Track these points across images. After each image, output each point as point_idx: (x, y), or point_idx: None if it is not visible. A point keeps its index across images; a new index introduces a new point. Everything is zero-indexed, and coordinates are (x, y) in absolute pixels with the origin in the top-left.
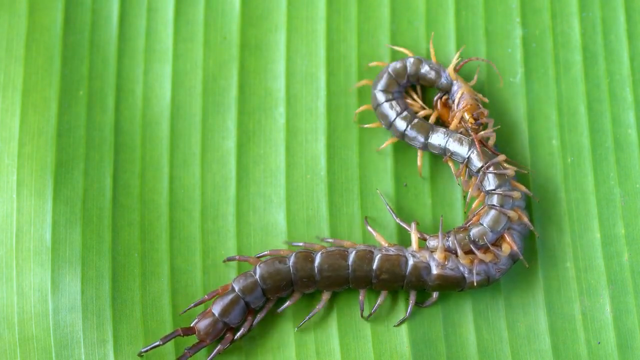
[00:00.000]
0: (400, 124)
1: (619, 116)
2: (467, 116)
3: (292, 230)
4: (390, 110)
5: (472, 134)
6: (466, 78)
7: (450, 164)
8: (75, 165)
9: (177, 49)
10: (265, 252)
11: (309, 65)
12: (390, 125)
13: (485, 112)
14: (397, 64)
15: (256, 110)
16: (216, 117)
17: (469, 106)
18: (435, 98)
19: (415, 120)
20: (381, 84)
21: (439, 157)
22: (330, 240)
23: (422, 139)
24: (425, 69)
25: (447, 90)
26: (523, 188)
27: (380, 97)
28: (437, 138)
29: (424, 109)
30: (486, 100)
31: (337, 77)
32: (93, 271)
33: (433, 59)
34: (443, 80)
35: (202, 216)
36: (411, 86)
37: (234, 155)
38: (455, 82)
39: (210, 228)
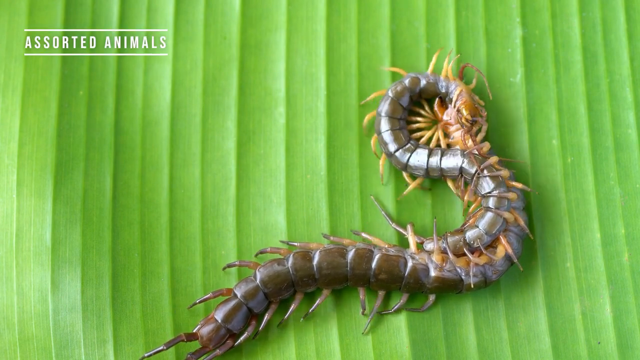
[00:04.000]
0: (402, 156)
1: (619, 116)
2: (464, 111)
3: (292, 230)
4: (394, 141)
5: (464, 131)
6: (467, 82)
7: (450, 183)
8: (75, 165)
9: (177, 49)
10: (267, 249)
11: (309, 65)
12: (391, 155)
13: (483, 112)
14: (397, 86)
15: (256, 110)
16: (216, 117)
17: (467, 103)
18: (436, 102)
19: (417, 150)
20: (385, 110)
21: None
22: (330, 237)
23: (423, 166)
24: (423, 83)
25: (447, 95)
26: (520, 185)
27: (385, 124)
28: (434, 160)
29: (427, 124)
30: (482, 103)
31: (337, 77)
32: (93, 271)
33: (430, 70)
34: (442, 89)
35: (202, 216)
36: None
37: (234, 155)
38: (452, 82)
39: (210, 228)
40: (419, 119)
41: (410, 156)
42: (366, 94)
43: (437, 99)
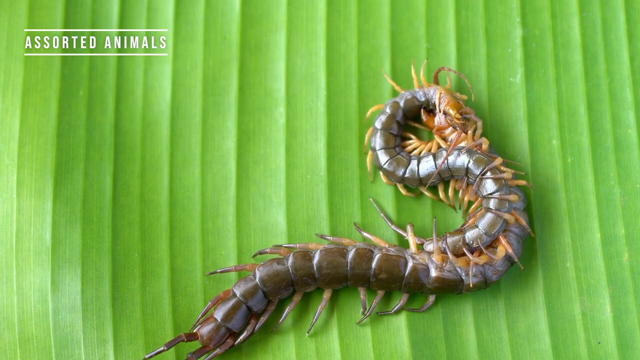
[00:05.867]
0: (412, 174)
1: (619, 116)
2: (452, 112)
3: (292, 230)
4: (397, 167)
5: (460, 130)
6: (464, 86)
7: (451, 191)
8: (75, 165)
9: (177, 49)
10: (266, 250)
11: (309, 65)
12: (402, 179)
13: (468, 109)
14: (382, 118)
15: (256, 110)
16: (216, 117)
17: (451, 102)
18: (422, 112)
19: (422, 160)
20: (379, 143)
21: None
22: (330, 238)
23: (433, 170)
24: (402, 103)
25: (428, 103)
26: (523, 182)
27: (383, 156)
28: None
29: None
30: (465, 97)
31: (337, 77)
32: (93, 271)
33: (416, 85)
34: (422, 99)
35: (202, 216)
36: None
37: (234, 155)
38: (429, 88)
39: (210, 228)
40: (413, 141)
41: (418, 170)
42: (366, 94)
43: (421, 109)
